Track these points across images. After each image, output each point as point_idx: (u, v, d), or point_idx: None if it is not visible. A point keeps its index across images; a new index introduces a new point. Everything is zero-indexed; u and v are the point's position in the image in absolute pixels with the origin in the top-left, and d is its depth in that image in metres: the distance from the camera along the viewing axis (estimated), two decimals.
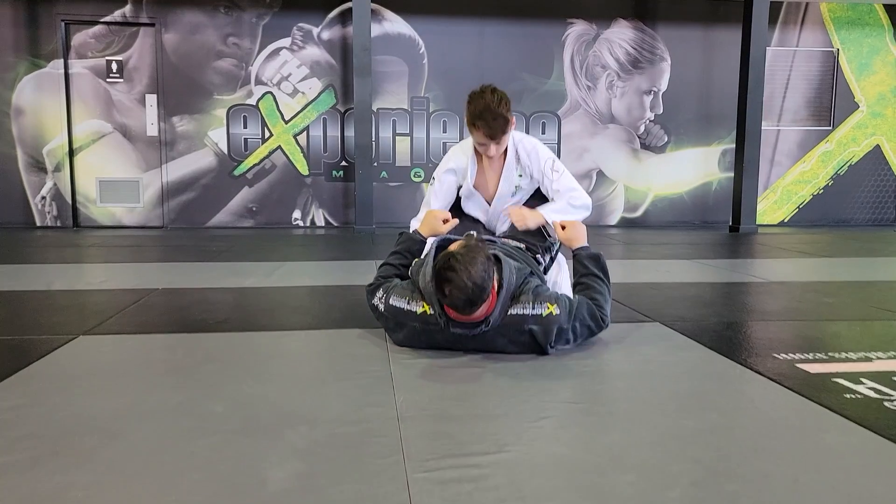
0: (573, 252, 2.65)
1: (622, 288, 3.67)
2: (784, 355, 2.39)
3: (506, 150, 2.89)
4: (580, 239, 2.66)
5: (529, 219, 2.79)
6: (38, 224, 7.45)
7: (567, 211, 2.84)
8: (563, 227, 2.70)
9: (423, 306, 2.35)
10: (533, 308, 2.30)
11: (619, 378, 2.15)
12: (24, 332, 2.69)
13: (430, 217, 2.74)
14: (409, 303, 2.38)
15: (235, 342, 2.57)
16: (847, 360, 2.34)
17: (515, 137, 2.93)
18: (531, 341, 2.32)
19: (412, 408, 1.85)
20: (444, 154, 7.71)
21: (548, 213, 2.82)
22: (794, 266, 4.80)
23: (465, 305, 2.16)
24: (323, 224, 7.82)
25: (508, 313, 2.30)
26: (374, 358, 2.34)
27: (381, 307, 2.46)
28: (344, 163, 7.76)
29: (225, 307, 3.20)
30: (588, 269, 2.56)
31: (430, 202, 2.96)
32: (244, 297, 3.47)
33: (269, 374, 2.16)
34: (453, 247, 2.25)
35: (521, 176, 2.95)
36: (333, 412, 1.82)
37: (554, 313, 2.30)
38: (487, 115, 2.66)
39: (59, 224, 7.47)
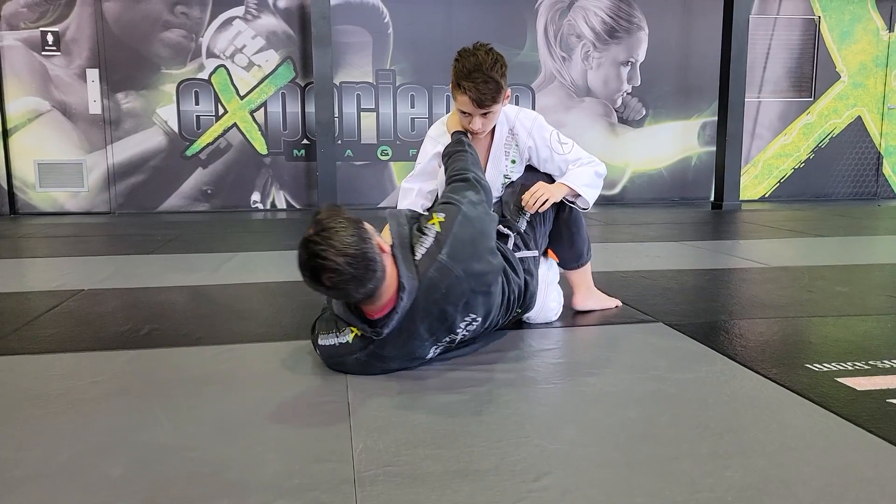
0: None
1: (610, 277, 3.28)
2: (818, 365, 2.01)
3: (493, 128, 2.41)
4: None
5: (555, 194, 2.36)
6: None
7: (595, 182, 2.43)
8: None
9: (353, 331, 1.91)
10: (428, 238, 1.91)
11: (632, 405, 1.74)
12: None
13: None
14: (337, 336, 1.94)
15: (158, 363, 2.11)
16: (893, 370, 1.97)
17: (510, 113, 2.45)
18: (464, 276, 1.89)
19: (373, 462, 1.43)
20: (412, 130, 7.35)
21: (577, 186, 2.38)
22: (790, 247, 4.45)
23: (357, 286, 1.72)
24: (284, 206, 7.32)
25: (419, 268, 1.87)
26: (329, 383, 1.90)
27: (317, 351, 2.03)
28: (305, 141, 7.24)
29: (156, 313, 2.72)
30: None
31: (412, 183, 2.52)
32: (182, 298, 3.00)
33: (194, 413, 1.71)
34: (310, 230, 1.77)
35: (513, 162, 2.47)
36: (269, 473, 1.39)
37: (442, 220, 1.94)
38: (477, 76, 2.19)
39: None
